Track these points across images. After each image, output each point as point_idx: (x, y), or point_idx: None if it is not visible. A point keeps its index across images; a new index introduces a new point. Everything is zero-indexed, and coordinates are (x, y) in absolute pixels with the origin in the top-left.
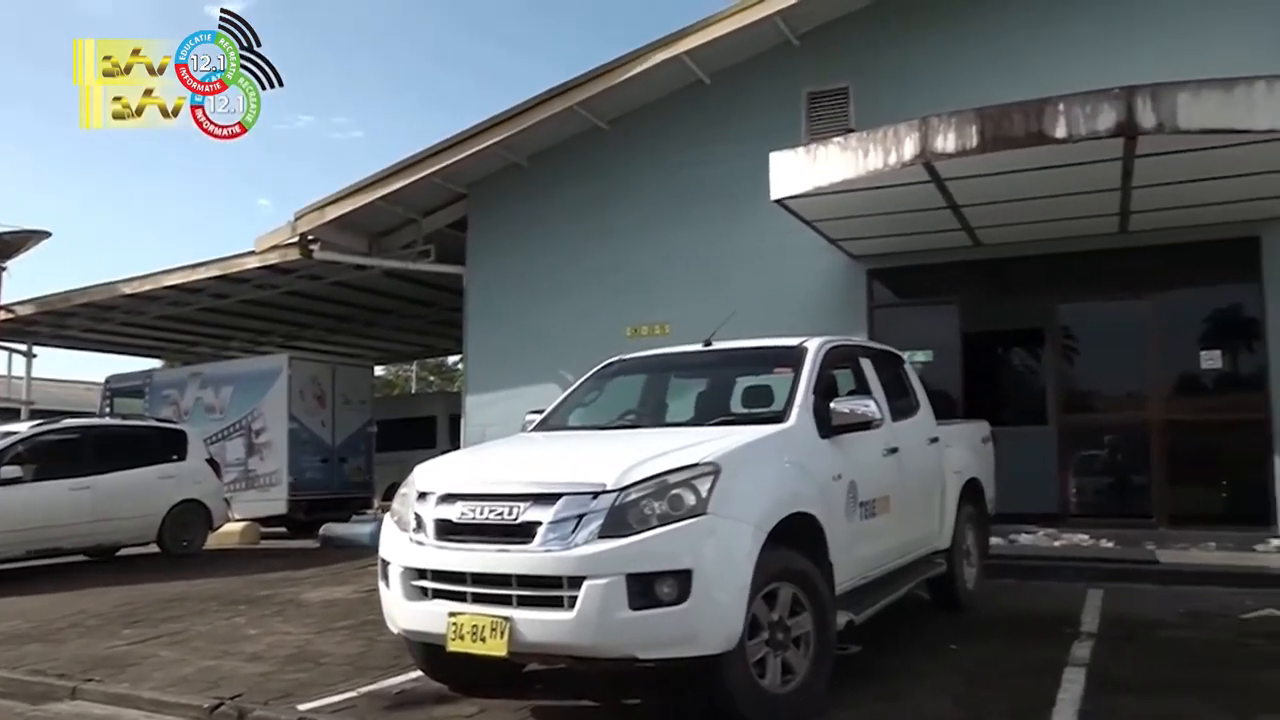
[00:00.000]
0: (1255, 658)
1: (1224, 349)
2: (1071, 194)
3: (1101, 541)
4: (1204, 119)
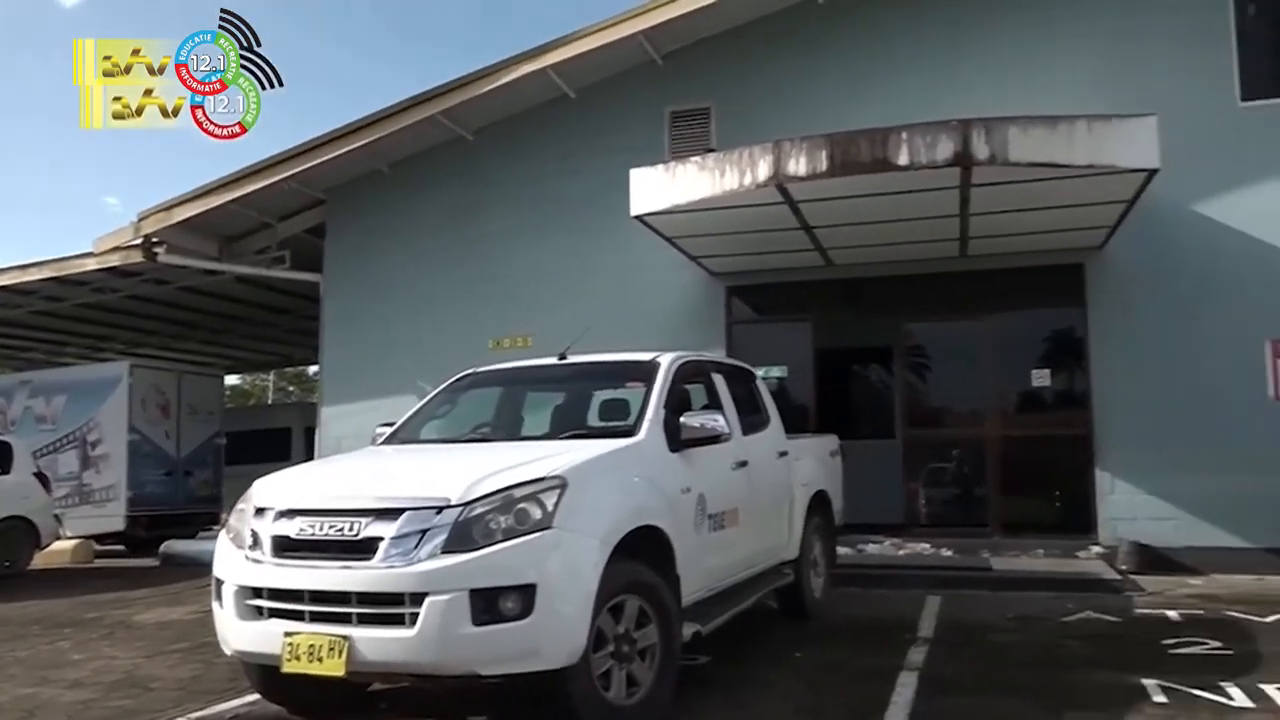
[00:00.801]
0: (1071, 658)
1: (1053, 368)
2: (915, 219)
3: (942, 550)
4: (1031, 153)
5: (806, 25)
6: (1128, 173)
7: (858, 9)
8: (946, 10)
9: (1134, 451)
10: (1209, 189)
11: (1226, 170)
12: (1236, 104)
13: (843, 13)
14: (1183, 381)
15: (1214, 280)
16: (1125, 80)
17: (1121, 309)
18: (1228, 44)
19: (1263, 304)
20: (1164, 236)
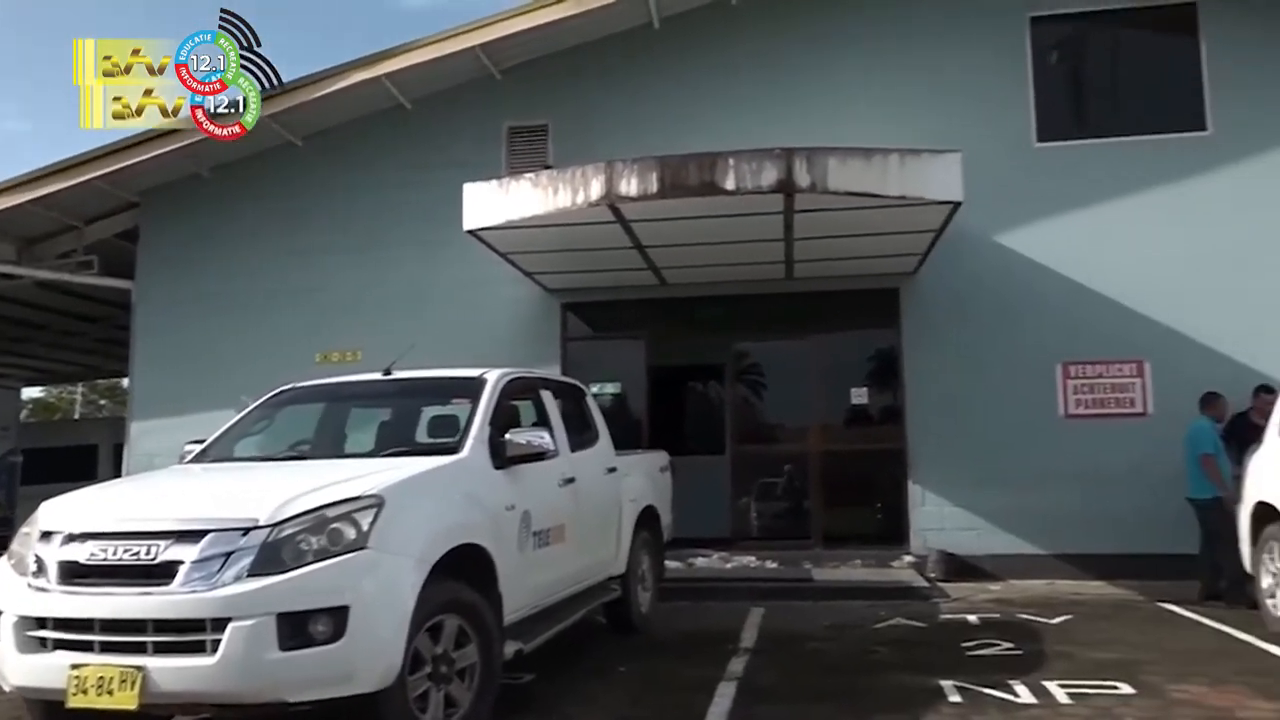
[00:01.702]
0: (880, 663)
1: (871, 387)
2: (744, 241)
3: (767, 563)
4: (849, 182)
5: (643, 49)
6: (935, 204)
7: (690, 37)
8: (772, 42)
9: (943, 465)
10: (1008, 222)
11: (1024, 205)
12: (1033, 144)
13: (677, 39)
14: (985, 400)
15: (1013, 306)
16: (934, 119)
17: (932, 332)
18: (1026, 90)
19: (1055, 329)
20: (969, 265)
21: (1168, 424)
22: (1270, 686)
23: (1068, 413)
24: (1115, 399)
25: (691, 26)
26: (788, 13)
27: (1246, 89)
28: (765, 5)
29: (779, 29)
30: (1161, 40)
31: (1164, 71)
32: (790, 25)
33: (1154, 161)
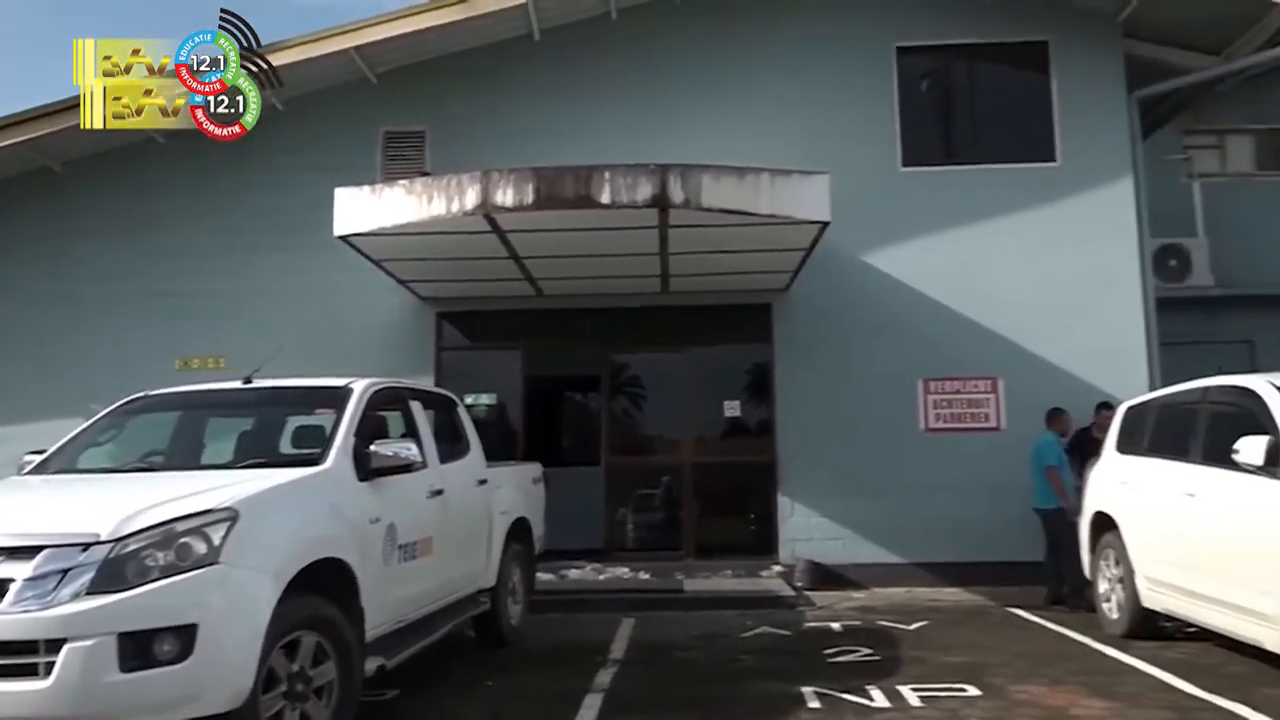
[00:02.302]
0: (745, 671)
1: (744, 400)
2: (620, 255)
3: (640, 574)
4: (722, 199)
5: (524, 59)
6: (804, 223)
7: (570, 49)
8: (650, 59)
9: (812, 477)
10: (875, 243)
11: (889, 228)
12: (898, 169)
13: (557, 51)
14: (852, 414)
15: (879, 324)
16: (805, 141)
17: (802, 347)
18: (892, 117)
19: (917, 347)
20: (838, 283)
21: (1019, 438)
22: (1103, 685)
23: (928, 427)
24: (971, 414)
25: (572, 39)
26: (664, 31)
27: (1092, 124)
28: (642, 22)
29: (656, 47)
30: (1017, 74)
31: (1019, 104)
32: (667, 44)
33: (1009, 189)
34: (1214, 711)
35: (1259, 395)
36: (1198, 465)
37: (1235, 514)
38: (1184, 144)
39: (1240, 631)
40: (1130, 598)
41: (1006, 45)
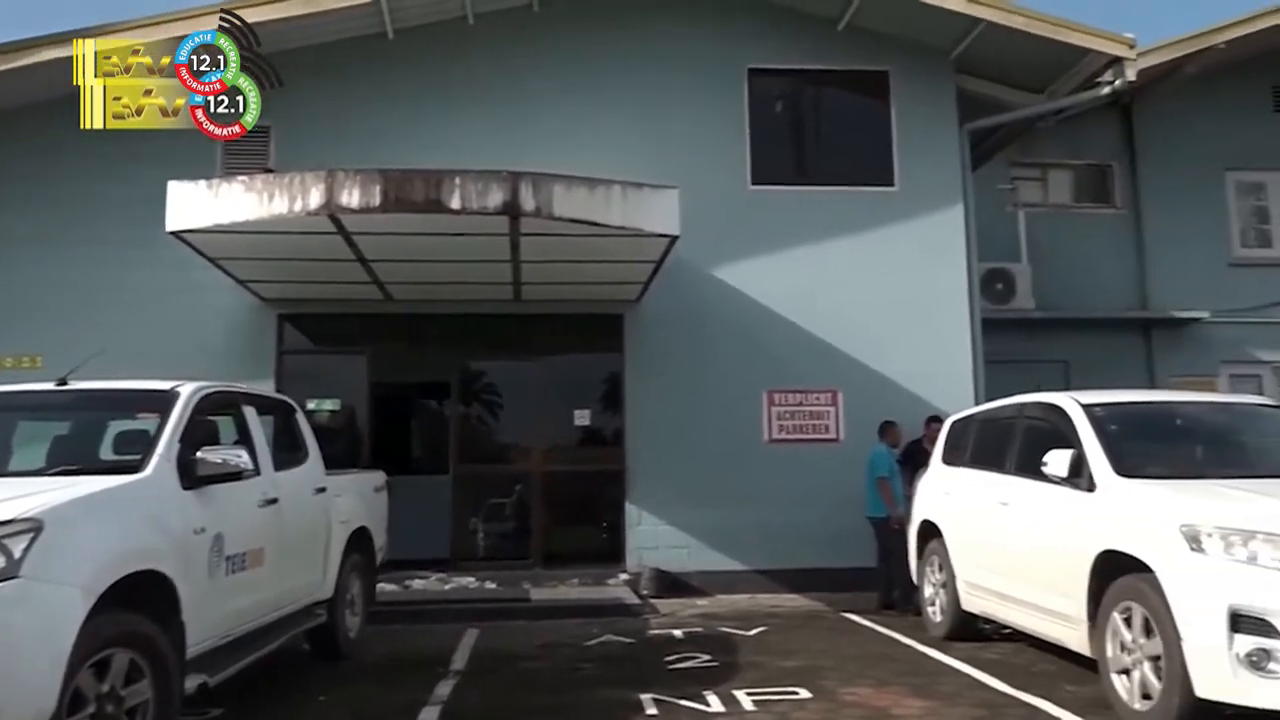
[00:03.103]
0: (586, 679)
1: (595, 409)
2: (471, 261)
3: (486, 583)
4: (573, 210)
5: (379, 58)
6: (654, 236)
7: (425, 52)
8: (507, 65)
9: (659, 486)
10: (725, 258)
11: (738, 243)
12: (748, 187)
13: (412, 52)
14: (699, 424)
15: (726, 336)
16: (658, 156)
17: (652, 358)
18: (743, 136)
19: (763, 359)
20: (688, 295)
21: (856, 449)
22: (924, 685)
23: (771, 437)
24: (812, 425)
25: (427, 41)
26: (523, 39)
27: (927, 152)
28: (500, 29)
29: (514, 54)
30: (860, 101)
31: (861, 129)
32: (525, 52)
33: (851, 211)
34: (1021, 707)
35: (1066, 412)
36: (1012, 476)
37: (1042, 522)
38: (1010, 175)
39: (1047, 632)
40: (952, 601)
41: (851, 73)
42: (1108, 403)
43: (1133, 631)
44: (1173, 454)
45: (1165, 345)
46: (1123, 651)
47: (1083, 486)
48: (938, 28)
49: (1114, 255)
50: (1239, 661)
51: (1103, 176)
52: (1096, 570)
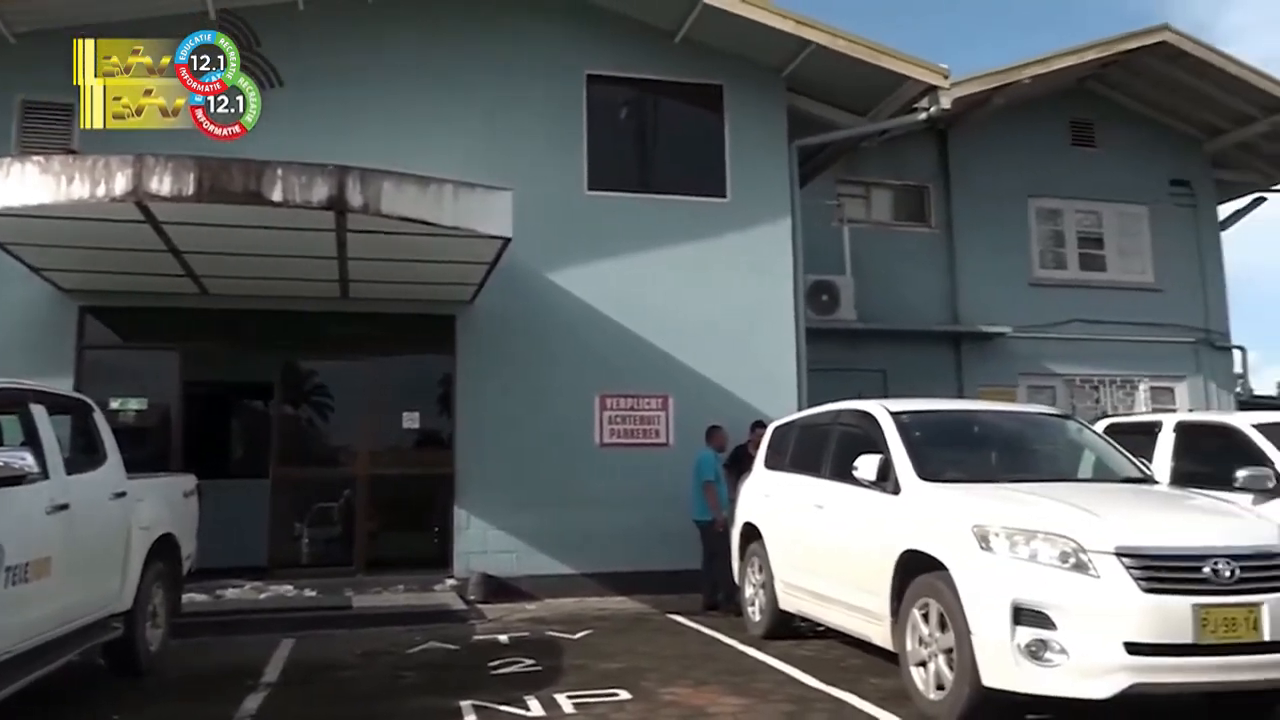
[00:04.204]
0: (407, 688)
1: (424, 411)
2: (294, 256)
3: (306, 591)
4: (403, 208)
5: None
6: (487, 237)
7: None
8: (345, 56)
9: (489, 490)
10: (561, 262)
11: (574, 247)
12: (584, 192)
13: (237, 35)
14: (533, 428)
15: (562, 340)
16: (496, 157)
17: (485, 360)
18: (580, 140)
19: (596, 363)
20: (523, 299)
21: (686, 453)
22: (741, 684)
23: (603, 441)
24: (643, 430)
25: (254, 25)
26: (358, 31)
27: (758, 166)
28: (334, 18)
29: (348, 46)
30: (695, 113)
31: (696, 140)
32: (360, 44)
33: (685, 220)
34: (829, 701)
35: (875, 418)
36: (827, 480)
37: (852, 523)
38: (836, 192)
39: (855, 629)
40: (770, 601)
41: (687, 85)
42: (913, 410)
43: (930, 626)
44: (970, 459)
45: (973, 357)
46: (920, 645)
47: (889, 490)
48: (770, 46)
49: (929, 272)
50: (1020, 652)
51: (920, 197)
52: (900, 569)
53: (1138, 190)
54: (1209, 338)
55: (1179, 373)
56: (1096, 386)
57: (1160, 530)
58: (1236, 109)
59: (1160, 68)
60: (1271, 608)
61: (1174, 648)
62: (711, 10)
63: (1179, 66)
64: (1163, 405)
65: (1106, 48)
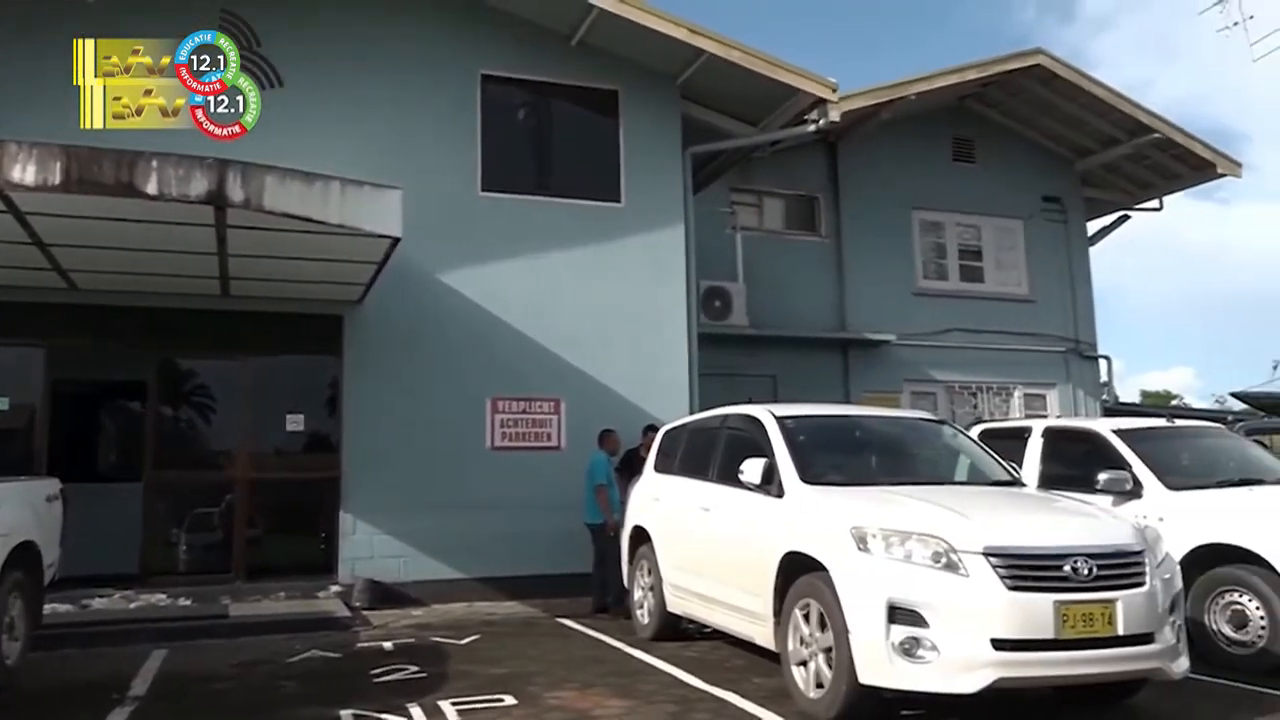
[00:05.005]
0: (284, 698)
1: (309, 413)
2: (171, 251)
3: (180, 600)
4: (287, 204)
5: (83, 19)
6: (375, 237)
7: (124, 16)
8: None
9: (376, 494)
10: (453, 263)
11: (466, 248)
12: (478, 193)
13: (112, 18)
14: (423, 431)
15: (453, 341)
16: (387, 154)
17: (374, 361)
18: (474, 141)
19: (488, 366)
20: (415, 300)
21: (578, 457)
22: (627, 686)
23: (494, 445)
24: (535, 433)
25: (132, 8)
26: (254, 19)
27: (652, 172)
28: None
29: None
30: (591, 117)
31: (591, 144)
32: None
33: (580, 223)
34: (712, 701)
35: (761, 423)
36: (714, 484)
37: (737, 526)
38: (730, 200)
39: (740, 630)
40: (659, 604)
41: (583, 89)
42: (798, 415)
43: (810, 626)
44: (851, 463)
45: (859, 363)
46: (801, 645)
47: (774, 493)
48: (665, 54)
49: (819, 280)
50: (895, 649)
51: (811, 207)
52: (782, 570)
53: (1014, 205)
54: (1078, 347)
55: (1050, 380)
56: (975, 393)
57: (1025, 531)
58: (1103, 131)
59: (1035, 89)
60: (1125, 603)
61: (1037, 643)
62: (607, 15)
63: (1052, 89)
64: (1035, 411)
65: (985, 68)
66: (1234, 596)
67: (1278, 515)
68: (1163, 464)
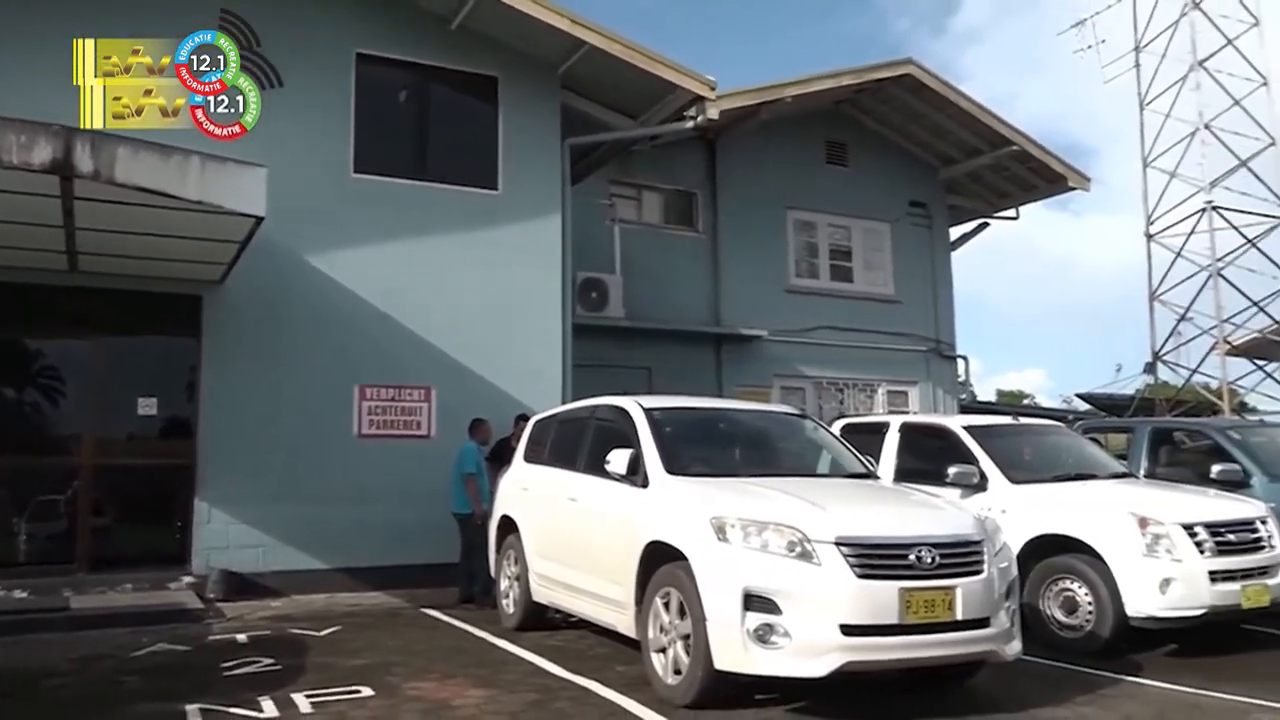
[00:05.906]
0: (126, 694)
1: (163, 397)
2: (13, 223)
3: (15, 593)
4: (140, 177)
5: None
6: (237, 215)
7: None
8: (82, 24)
9: (234, 482)
10: (323, 245)
11: (336, 231)
12: (350, 175)
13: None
14: (287, 417)
15: (321, 326)
16: (261, 137)
17: (236, 344)
18: (348, 121)
19: (358, 353)
20: (281, 281)
21: (449, 446)
22: (488, 676)
23: (361, 433)
24: (404, 421)
25: None
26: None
27: (530, 161)
28: None
29: (90, 10)
30: (470, 102)
31: (469, 130)
32: (103, 6)
33: (456, 210)
34: (574, 689)
35: (629, 414)
36: (581, 474)
37: (602, 515)
38: (610, 192)
39: (604, 619)
40: (524, 593)
41: (462, 74)
42: (665, 407)
43: (670, 614)
44: (715, 455)
45: (732, 358)
46: (661, 633)
47: (639, 483)
48: (546, 42)
49: (694, 274)
50: (749, 636)
51: (689, 202)
52: (645, 559)
53: (882, 208)
54: (938, 347)
55: (912, 378)
56: (841, 389)
57: (874, 522)
58: (967, 141)
59: (905, 98)
60: (964, 590)
61: (882, 628)
62: (488, 0)
63: (921, 98)
64: (898, 407)
65: (859, 75)
66: (1066, 584)
67: (1107, 508)
68: (1007, 459)
